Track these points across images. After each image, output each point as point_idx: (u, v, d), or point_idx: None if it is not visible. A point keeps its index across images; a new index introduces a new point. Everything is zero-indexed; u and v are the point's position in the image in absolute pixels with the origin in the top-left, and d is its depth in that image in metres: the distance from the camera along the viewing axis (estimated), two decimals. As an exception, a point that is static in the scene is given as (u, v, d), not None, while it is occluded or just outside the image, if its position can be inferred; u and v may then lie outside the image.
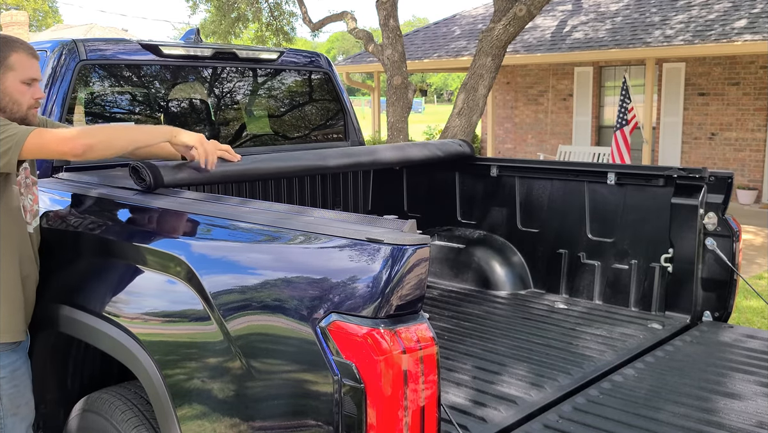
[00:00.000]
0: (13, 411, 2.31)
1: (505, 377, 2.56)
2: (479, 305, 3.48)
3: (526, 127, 14.62)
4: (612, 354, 2.79)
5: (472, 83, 7.38)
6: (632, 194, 3.36)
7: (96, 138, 2.27)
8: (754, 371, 2.62)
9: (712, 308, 3.20)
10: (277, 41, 15.92)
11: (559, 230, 3.62)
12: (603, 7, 12.87)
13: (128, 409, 2.23)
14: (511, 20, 7.13)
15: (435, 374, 1.64)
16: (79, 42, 3.10)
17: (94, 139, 2.25)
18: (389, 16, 8.28)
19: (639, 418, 2.23)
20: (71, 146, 2.20)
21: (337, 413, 1.60)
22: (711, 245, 3.14)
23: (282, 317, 1.71)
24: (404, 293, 1.59)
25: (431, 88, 61.28)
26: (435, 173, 4.08)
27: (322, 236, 1.73)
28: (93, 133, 2.32)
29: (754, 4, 10.49)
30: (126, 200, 2.37)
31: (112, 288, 2.23)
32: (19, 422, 2.34)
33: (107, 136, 2.33)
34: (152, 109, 3.48)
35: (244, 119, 3.91)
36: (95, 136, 2.28)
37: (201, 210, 2.10)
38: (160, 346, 2.03)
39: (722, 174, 3.14)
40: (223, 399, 1.85)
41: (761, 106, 11.29)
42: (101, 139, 2.28)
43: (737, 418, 2.25)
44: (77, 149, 2.20)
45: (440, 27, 15.35)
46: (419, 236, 1.62)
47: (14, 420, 2.32)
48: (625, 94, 10.26)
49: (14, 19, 24.34)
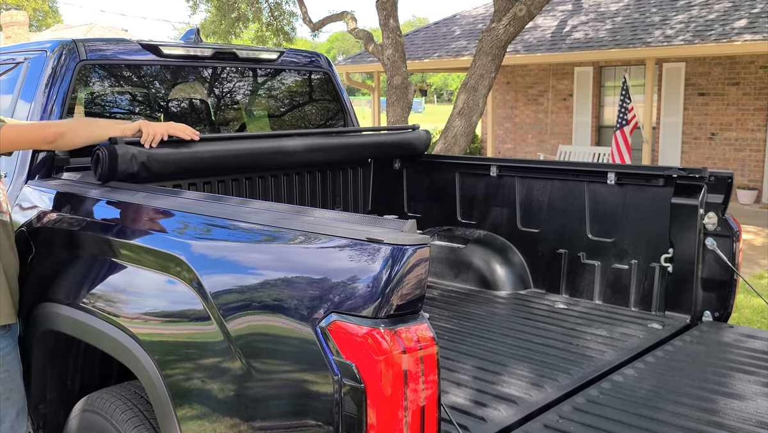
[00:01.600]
0: (6, 395, 2.36)
1: (505, 376, 2.56)
2: (479, 305, 3.48)
3: (526, 127, 14.62)
4: (612, 354, 2.79)
5: (473, 83, 7.38)
6: (632, 194, 3.37)
7: (64, 127, 2.45)
8: (754, 371, 2.62)
9: (712, 308, 3.20)
10: (277, 41, 15.92)
11: (559, 229, 3.62)
12: (603, 7, 12.87)
13: (128, 409, 2.23)
14: (511, 20, 7.13)
15: (435, 374, 1.64)
16: (79, 42, 3.10)
17: (62, 128, 2.44)
18: (389, 16, 8.28)
19: (639, 418, 2.23)
20: (44, 134, 2.39)
21: (337, 413, 1.60)
22: (711, 244, 3.14)
23: (282, 317, 1.71)
24: (404, 292, 1.59)
25: (431, 88, 61.29)
26: (434, 173, 4.08)
27: (322, 236, 1.73)
28: (60, 123, 2.50)
29: (754, 4, 10.49)
30: (126, 200, 2.38)
31: (112, 288, 2.23)
32: (11, 407, 2.38)
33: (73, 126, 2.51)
34: (152, 109, 3.48)
35: (244, 119, 3.91)
36: (63, 126, 2.46)
37: (201, 210, 2.10)
38: (160, 346, 2.03)
39: (722, 174, 3.13)
40: (223, 399, 1.85)
41: (761, 106, 11.29)
42: (69, 128, 2.47)
43: (737, 418, 2.25)
44: (49, 137, 2.39)
45: (440, 27, 15.35)
46: (419, 236, 1.62)
47: (6, 405, 2.36)
48: (625, 94, 10.26)
49: (14, 19, 24.35)
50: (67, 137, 2.46)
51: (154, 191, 2.45)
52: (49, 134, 2.39)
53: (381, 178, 4.20)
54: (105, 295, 2.24)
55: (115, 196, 2.44)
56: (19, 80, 3.04)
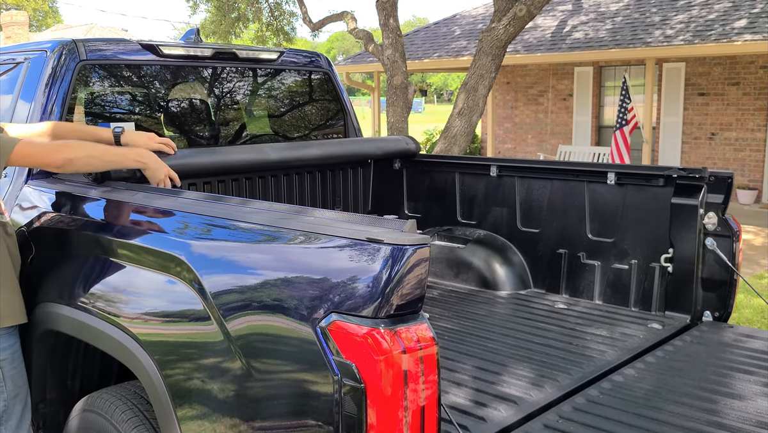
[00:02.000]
0: (15, 392, 2.41)
1: (505, 376, 2.56)
2: (479, 305, 3.48)
3: (526, 127, 14.62)
4: (612, 354, 2.79)
5: (473, 83, 7.38)
6: (632, 194, 3.36)
7: (76, 154, 2.46)
8: (754, 371, 2.62)
9: (713, 308, 3.19)
10: (277, 41, 15.91)
11: (559, 229, 3.62)
12: (603, 7, 12.87)
13: (128, 409, 2.23)
14: (511, 20, 7.13)
15: (435, 374, 1.63)
16: (79, 42, 3.10)
17: (74, 155, 2.45)
18: (389, 16, 8.28)
19: (639, 418, 2.23)
20: (53, 158, 2.42)
21: (337, 413, 1.60)
22: (711, 244, 3.14)
23: (282, 317, 1.71)
24: (404, 292, 1.59)
25: (431, 88, 61.30)
26: (434, 173, 4.08)
27: (322, 236, 1.73)
28: (74, 149, 2.49)
29: (754, 4, 10.49)
30: (126, 200, 2.38)
31: (112, 288, 2.23)
32: (18, 403, 2.43)
33: (86, 154, 2.50)
34: (152, 109, 3.48)
35: (244, 119, 3.91)
36: (75, 152, 2.47)
37: (201, 210, 2.10)
38: (160, 346, 2.03)
39: (722, 174, 3.13)
40: (223, 399, 1.85)
41: (761, 106, 11.29)
42: (81, 156, 2.48)
43: (737, 418, 2.25)
44: (58, 161, 2.43)
45: (440, 27, 15.35)
46: (419, 236, 1.62)
47: (14, 402, 2.41)
48: (625, 94, 10.26)
49: (14, 19, 24.37)
50: (77, 165, 2.48)
51: (154, 191, 2.45)
52: (59, 159, 2.43)
53: (381, 178, 4.20)
54: (105, 295, 2.24)
55: (115, 196, 2.44)
56: (19, 80, 3.04)
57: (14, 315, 2.40)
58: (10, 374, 2.39)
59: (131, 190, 2.45)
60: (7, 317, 2.36)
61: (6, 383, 2.37)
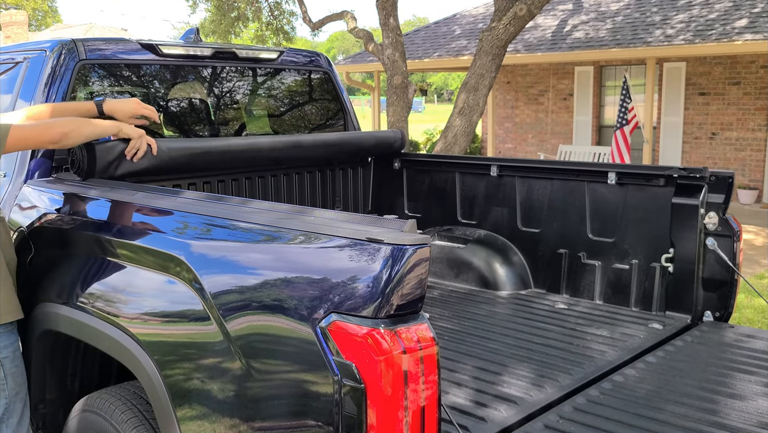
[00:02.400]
0: (16, 390, 2.41)
1: (505, 377, 2.56)
2: (480, 305, 3.48)
3: (527, 127, 14.61)
4: (613, 354, 2.79)
5: (473, 83, 7.37)
6: (633, 194, 3.36)
7: (68, 127, 2.52)
8: (754, 371, 2.62)
9: (713, 308, 3.19)
10: (277, 41, 15.91)
11: (559, 229, 3.61)
12: (603, 7, 12.86)
13: (128, 409, 2.23)
14: (511, 19, 7.13)
15: (435, 374, 1.63)
16: (79, 42, 3.09)
17: (67, 128, 2.51)
18: (389, 15, 8.27)
19: (640, 418, 2.23)
20: (50, 135, 2.46)
21: (337, 414, 1.60)
22: (712, 244, 3.14)
23: (282, 317, 1.71)
24: (404, 292, 1.58)
25: (431, 87, 61.30)
26: (434, 173, 4.08)
27: (322, 236, 1.73)
28: (63, 123, 2.55)
29: (755, 4, 10.48)
30: (125, 200, 2.37)
31: (111, 288, 2.23)
32: (19, 401, 2.43)
33: (76, 126, 2.57)
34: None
35: (243, 119, 3.91)
36: (67, 126, 2.53)
37: (201, 210, 2.10)
38: (159, 346, 2.02)
39: (723, 174, 3.13)
40: (223, 399, 1.85)
41: (762, 105, 11.29)
42: (73, 128, 2.54)
43: (738, 418, 2.24)
44: (55, 137, 2.47)
45: (440, 26, 15.35)
46: (419, 236, 1.61)
47: (15, 399, 2.41)
48: (626, 93, 10.25)
49: (14, 18, 24.36)
50: (71, 137, 2.53)
51: (154, 191, 2.45)
52: (55, 135, 2.47)
53: (381, 178, 4.20)
54: (104, 295, 2.23)
55: (114, 195, 2.44)
56: (18, 80, 3.04)
57: (12, 311, 2.40)
58: (11, 372, 2.39)
59: (131, 190, 2.44)
60: (6, 313, 2.36)
61: (8, 380, 2.37)
